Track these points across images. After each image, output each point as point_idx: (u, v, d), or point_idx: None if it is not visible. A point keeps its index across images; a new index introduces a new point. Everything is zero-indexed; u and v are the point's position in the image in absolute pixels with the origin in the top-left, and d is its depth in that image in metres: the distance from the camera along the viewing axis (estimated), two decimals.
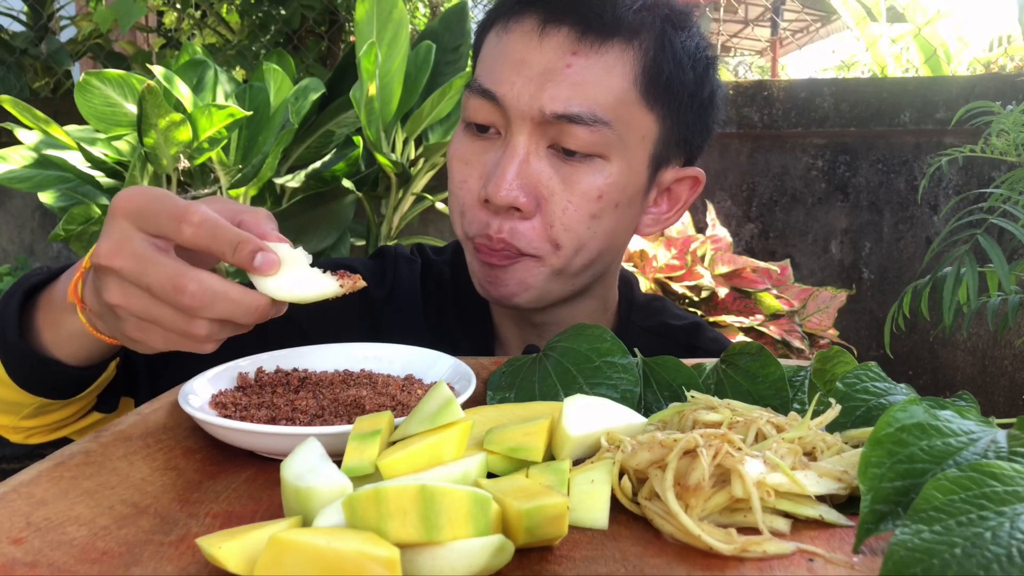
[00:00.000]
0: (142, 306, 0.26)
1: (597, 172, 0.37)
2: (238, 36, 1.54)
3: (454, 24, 1.09)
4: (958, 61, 1.51)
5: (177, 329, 0.26)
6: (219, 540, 0.18)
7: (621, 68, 0.36)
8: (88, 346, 0.31)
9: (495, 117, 0.37)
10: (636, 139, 0.37)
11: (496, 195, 0.36)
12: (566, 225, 0.37)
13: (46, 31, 1.55)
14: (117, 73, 0.89)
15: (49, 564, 0.19)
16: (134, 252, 0.25)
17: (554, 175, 0.37)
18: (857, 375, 0.26)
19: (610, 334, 0.30)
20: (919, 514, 0.17)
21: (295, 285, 0.26)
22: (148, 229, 0.25)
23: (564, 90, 0.35)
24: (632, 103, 0.37)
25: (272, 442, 0.25)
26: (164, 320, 0.26)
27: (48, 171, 0.95)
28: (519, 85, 0.36)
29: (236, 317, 0.26)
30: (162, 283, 0.25)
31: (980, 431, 0.20)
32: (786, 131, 1.17)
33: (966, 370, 1.11)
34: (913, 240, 1.17)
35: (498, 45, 0.38)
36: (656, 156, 0.39)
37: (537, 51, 0.36)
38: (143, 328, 0.26)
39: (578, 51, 0.36)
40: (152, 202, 0.25)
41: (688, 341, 0.45)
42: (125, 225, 0.26)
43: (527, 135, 0.36)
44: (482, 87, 0.37)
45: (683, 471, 0.20)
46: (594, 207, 0.37)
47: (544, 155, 0.37)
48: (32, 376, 0.32)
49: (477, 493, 0.18)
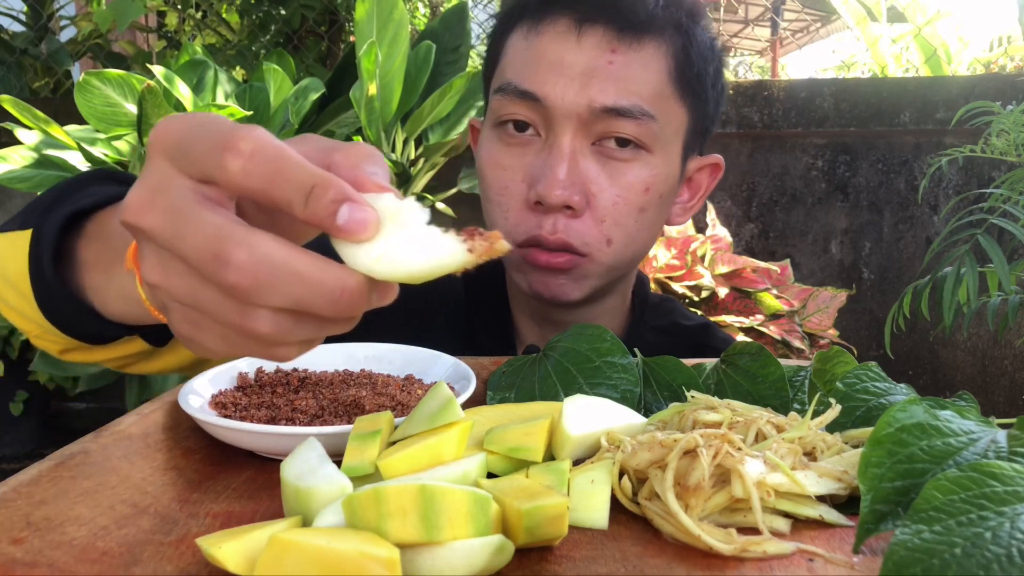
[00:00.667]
0: (185, 287, 0.17)
1: (643, 165, 0.37)
2: (238, 36, 1.54)
3: (454, 24, 1.09)
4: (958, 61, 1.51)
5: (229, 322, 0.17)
6: (219, 540, 0.18)
7: (656, 63, 0.37)
8: (142, 315, 0.23)
9: (534, 117, 0.37)
10: (672, 132, 0.38)
11: (550, 195, 0.36)
12: (616, 220, 0.37)
13: (46, 31, 1.55)
14: (117, 73, 0.89)
15: (49, 564, 0.18)
16: (170, 204, 0.16)
17: (601, 171, 0.37)
18: (857, 375, 0.26)
19: (610, 334, 0.30)
20: (919, 514, 0.17)
21: (404, 255, 0.16)
22: (191, 171, 0.17)
23: (610, 84, 0.36)
24: (668, 97, 0.38)
25: (272, 442, 0.25)
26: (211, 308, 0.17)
27: (48, 171, 0.95)
28: (562, 84, 0.36)
29: (311, 304, 0.16)
30: (200, 249, 0.16)
31: (980, 431, 0.20)
32: (786, 131, 1.17)
33: (966, 370, 1.11)
34: (913, 240, 1.17)
35: (529, 48, 0.38)
36: (686, 147, 0.40)
37: (576, 51, 0.36)
38: (193, 320, 0.17)
39: (617, 48, 0.36)
40: (193, 128, 0.17)
41: (698, 340, 0.45)
42: (163, 167, 0.17)
43: (571, 134, 0.36)
44: (520, 89, 0.37)
45: (683, 471, 0.20)
46: (642, 200, 0.37)
47: (589, 153, 0.37)
48: (63, 316, 0.26)
49: (477, 493, 0.18)
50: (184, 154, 0.17)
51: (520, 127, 0.38)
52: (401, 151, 1.03)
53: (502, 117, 0.38)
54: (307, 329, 0.17)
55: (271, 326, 0.17)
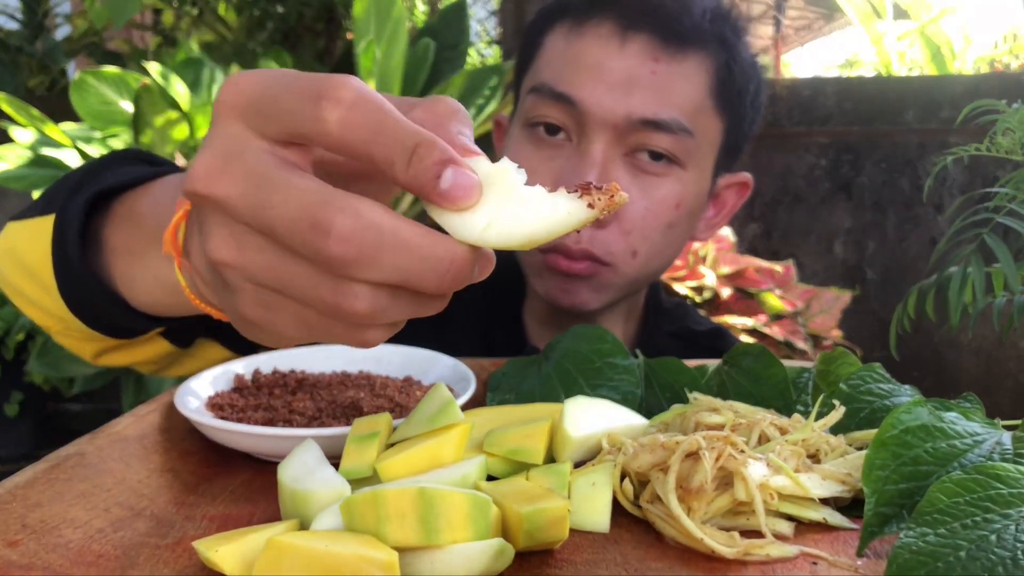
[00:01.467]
0: (266, 263, 0.15)
1: (675, 180, 0.37)
2: (235, 33, 1.54)
3: (453, 21, 1.09)
4: (963, 59, 1.50)
5: (320, 301, 0.15)
6: (216, 543, 0.18)
7: (698, 77, 0.36)
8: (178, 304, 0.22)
9: (567, 121, 0.37)
10: (708, 146, 0.38)
11: None
12: (644, 234, 0.37)
13: (41, 29, 1.55)
14: (113, 71, 0.89)
15: (44, 567, 0.18)
16: (250, 170, 0.15)
17: (632, 183, 0.36)
18: (861, 376, 0.26)
19: (611, 335, 0.30)
20: (924, 517, 0.17)
21: (518, 219, 0.14)
22: (270, 131, 0.15)
23: (651, 96, 0.35)
24: (707, 111, 0.37)
25: (269, 444, 0.25)
26: (298, 285, 0.15)
27: (43, 170, 0.94)
28: (600, 90, 0.35)
29: (418, 278, 0.14)
30: (294, 218, 0.14)
31: (985, 433, 0.20)
32: (789, 130, 1.17)
33: (971, 371, 1.11)
34: (918, 240, 1.16)
35: (569, 48, 0.37)
36: (718, 163, 0.40)
37: (618, 57, 0.36)
38: (267, 303, 0.16)
39: (660, 58, 0.36)
40: (274, 82, 0.15)
41: (711, 345, 0.45)
42: (235, 129, 0.15)
43: (605, 142, 0.36)
44: (555, 91, 0.36)
45: (685, 474, 0.20)
46: (671, 215, 0.37)
47: (621, 162, 0.36)
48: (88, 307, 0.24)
49: (476, 496, 0.18)
50: (262, 112, 0.15)
51: (551, 131, 0.37)
52: None
53: (534, 119, 0.37)
54: (402, 308, 0.15)
55: (369, 304, 0.15)
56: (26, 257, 0.25)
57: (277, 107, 0.15)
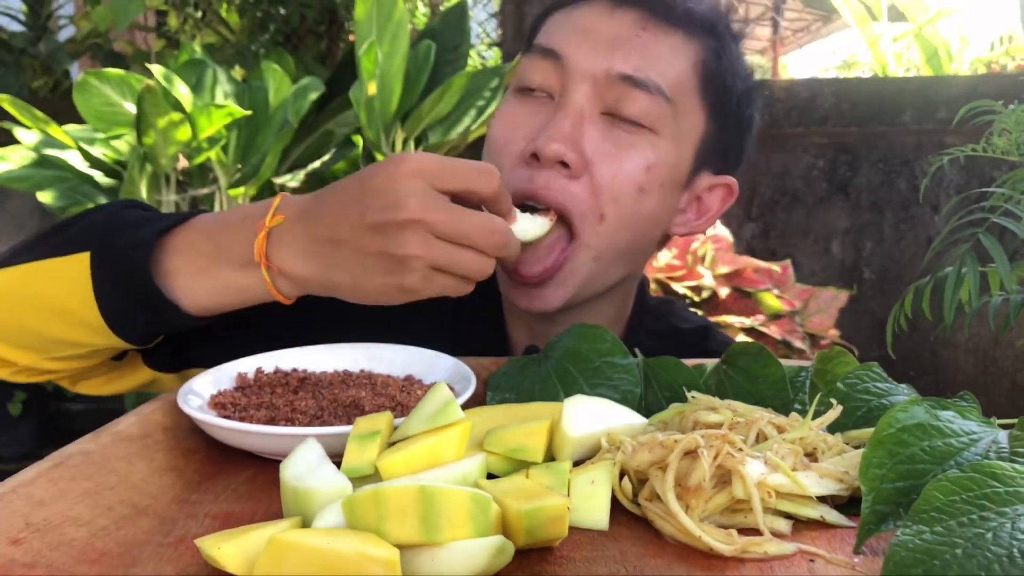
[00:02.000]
0: (446, 254, 0.28)
1: (648, 144, 0.37)
2: (237, 35, 1.54)
3: (454, 23, 1.09)
4: (959, 60, 1.51)
5: (475, 268, 0.29)
6: (218, 541, 0.18)
7: (685, 53, 0.37)
8: (229, 303, 0.31)
9: (551, 79, 0.37)
10: (688, 126, 0.38)
11: (547, 146, 0.35)
12: (614, 195, 0.36)
13: (45, 31, 1.55)
14: (116, 73, 0.89)
15: (48, 565, 0.19)
16: (445, 208, 0.28)
17: (605, 140, 0.36)
18: (858, 375, 0.26)
19: (610, 334, 0.30)
20: (920, 515, 0.17)
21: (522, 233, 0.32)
22: (447, 187, 0.28)
23: (634, 55, 0.36)
24: (690, 90, 0.37)
25: (271, 443, 0.25)
26: (463, 263, 0.28)
27: (47, 171, 0.95)
28: (586, 47, 0.36)
29: (512, 261, 0.31)
30: (478, 228, 0.28)
31: (981, 431, 0.20)
32: (787, 131, 1.17)
33: (967, 370, 1.11)
34: (914, 240, 1.16)
35: (564, 18, 0.38)
36: (700, 154, 0.39)
37: (607, 22, 0.37)
38: (429, 277, 0.29)
39: (647, 27, 0.37)
40: (442, 166, 0.28)
41: (697, 344, 0.44)
42: (422, 184, 0.28)
43: (584, 95, 0.36)
44: (544, 47, 0.37)
45: (684, 472, 0.20)
46: (642, 178, 0.36)
47: (597, 119, 0.37)
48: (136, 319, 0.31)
49: (477, 494, 0.18)
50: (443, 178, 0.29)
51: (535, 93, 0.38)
52: (401, 150, 1.03)
53: (521, 81, 0.38)
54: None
55: (492, 269, 0.29)
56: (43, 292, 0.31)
57: (458, 176, 0.29)
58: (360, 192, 0.28)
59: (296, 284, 0.30)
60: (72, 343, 0.32)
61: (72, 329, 0.32)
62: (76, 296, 0.31)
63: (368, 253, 0.28)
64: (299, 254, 0.29)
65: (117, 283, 0.30)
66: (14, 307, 0.32)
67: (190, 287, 0.31)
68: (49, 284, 0.31)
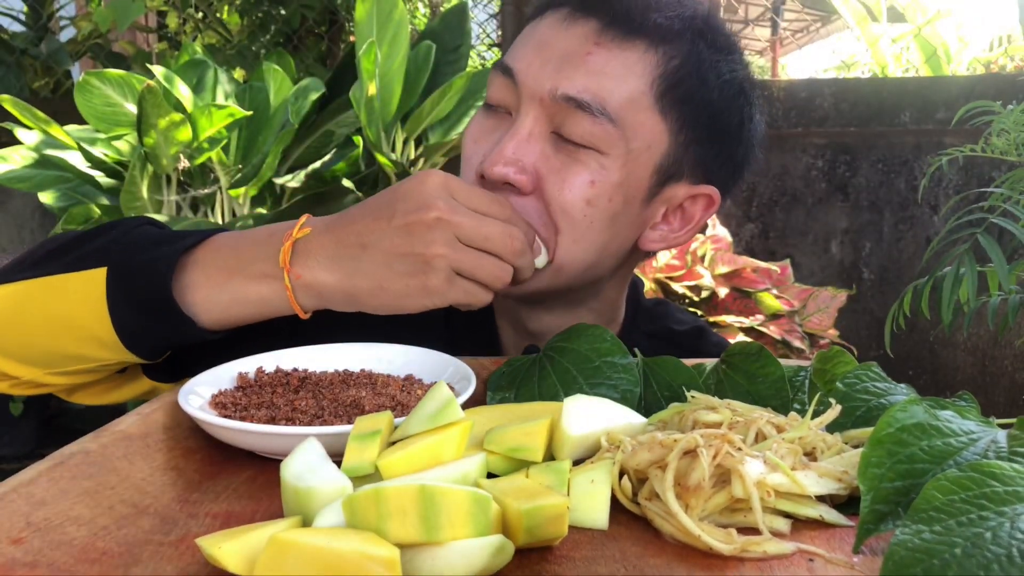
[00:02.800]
0: (470, 259, 0.30)
1: (593, 162, 0.37)
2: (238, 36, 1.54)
3: (454, 24, 1.09)
4: (958, 61, 1.51)
5: (492, 274, 0.30)
6: (219, 540, 0.18)
7: (641, 69, 0.36)
8: (247, 315, 0.32)
9: (509, 97, 0.37)
10: (642, 145, 0.37)
11: (490, 169, 0.36)
12: (563, 206, 0.36)
13: (46, 31, 1.55)
14: (117, 73, 0.89)
15: (49, 564, 0.19)
16: (470, 214, 0.30)
17: (552, 157, 0.37)
18: (857, 375, 0.26)
19: (610, 334, 0.30)
20: (919, 514, 0.17)
21: None
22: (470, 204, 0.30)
23: (579, 75, 0.36)
24: (644, 108, 0.36)
25: (272, 442, 0.25)
26: (484, 268, 0.30)
27: (48, 171, 0.95)
28: (536, 64, 0.36)
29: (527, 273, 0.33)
30: (500, 234, 0.30)
31: (980, 431, 0.20)
32: (786, 131, 1.17)
33: (966, 370, 1.11)
34: (913, 240, 1.17)
35: (529, 31, 0.39)
36: (664, 168, 0.38)
37: (562, 36, 0.37)
38: (452, 280, 0.30)
39: (601, 42, 0.36)
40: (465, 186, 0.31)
41: (691, 345, 0.44)
42: (448, 195, 0.30)
43: (533, 116, 0.36)
44: (503, 63, 0.38)
45: (683, 471, 0.20)
46: (588, 192, 0.37)
47: (547, 138, 0.37)
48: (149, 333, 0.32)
49: (477, 493, 0.18)
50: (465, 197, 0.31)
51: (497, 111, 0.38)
52: (401, 151, 1.03)
53: (487, 97, 0.39)
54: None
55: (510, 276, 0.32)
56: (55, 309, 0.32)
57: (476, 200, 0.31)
58: (390, 198, 0.31)
59: (316, 294, 0.31)
60: (81, 358, 0.33)
61: (82, 344, 0.32)
62: (89, 311, 0.31)
63: (395, 253, 0.30)
64: (324, 261, 0.31)
65: (133, 298, 0.31)
66: (22, 322, 0.33)
67: (208, 300, 0.32)
68: (61, 300, 0.32)
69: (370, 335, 0.35)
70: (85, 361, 0.33)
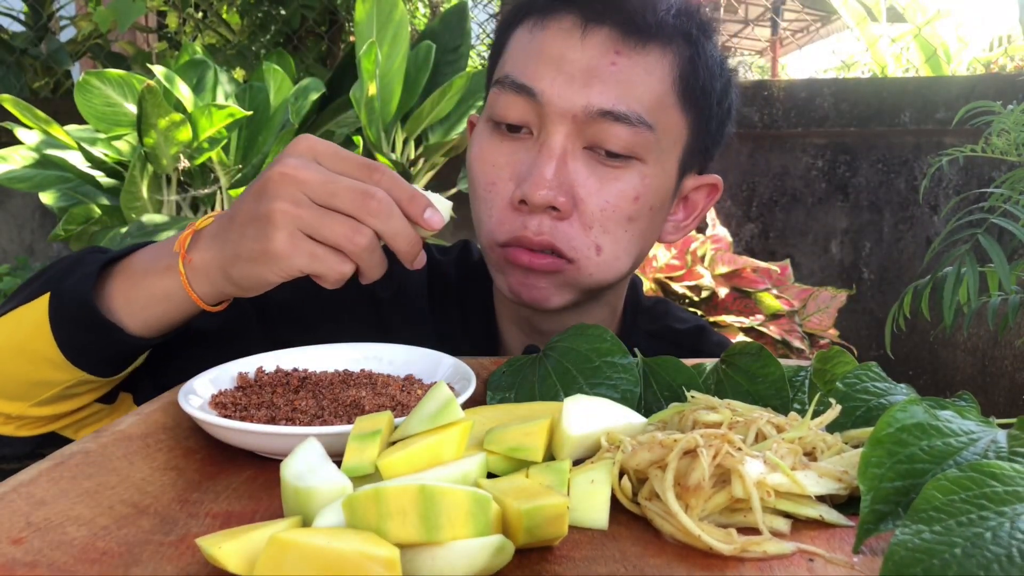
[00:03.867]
0: (311, 216, 0.27)
1: (634, 173, 0.36)
2: (238, 36, 1.54)
3: (454, 24, 1.09)
4: (958, 61, 1.51)
5: (344, 235, 0.27)
6: (219, 540, 0.18)
7: (661, 70, 0.36)
8: (161, 313, 0.32)
9: (529, 115, 0.37)
10: (670, 143, 0.37)
11: (534, 195, 0.35)
12: (604, 227, 0.36)
13: (46, 31, 1.55)
14: (117, 73, 0.89)
15: (49, 564, 0.19)
16: (321, 171, 0.27)
17: (591, 175, 0.36)
18: (857, 375, 0.26)
19: (610, 334, 0.30)
20: (919, 514, 0.17)
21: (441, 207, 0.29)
22: (334, 168, 0.28)
23: (611, 87, 0.35)
24: (669, 107, 0.37)
25: (272, 442, 0.25)
26: (329, 227, 0.27)
27: (48, 171, 0.95)
28: (560, 81, 0.35)
29: (400, 241, 0.28)
30: (349, 190, 0.27)
31: (980, 431, 0.20)
32: (786, 131, 1.17)
33: (966, 370, 1.11)
34: (913, 240, 1.17)
35: (532, 41, 0.37)
36: (683, 161, 0.39)
37: (579, 49, 0.36)
38: (294, 242, 0.27)
39: (621, 51, 0.36)
40: (336, 150, 0.29)
41: (692, 344, 0.44)
42: (310, 156, 0.28)
43: (564, 134, 0.36)
44: (517, 83, 0.36)
45: (683, 471, 0.20)
46: (631, 209, 0.36)
47: (580, 155, 0.36)
48: (88, 346, 0.32)
49: (477, 493, 0.18)
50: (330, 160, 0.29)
51: (513, 129, 0.37)
52: (401, 151, 1.03)
53: (496, 115, 0.38)
54: (375, 259, 0.28)
55: (367, 240, 0.27)
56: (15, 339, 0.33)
57: (343, 162, 0.29)
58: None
59: (204, 275, 0.30)
60: (43, 383, 0.33)
61: (40, 368, 0.33)
62: (38, 335, 0.32)
63: (247, 218, 0.28)
64: (207, 240, 0.30)
65: (68, 315, 0.32)
66: None
67: (127, 304, 0.32)
68: (18, 330, 0.33)
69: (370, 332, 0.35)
70: (49, 386, 0.33)
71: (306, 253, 0.27)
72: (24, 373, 0.33)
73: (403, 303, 0.44)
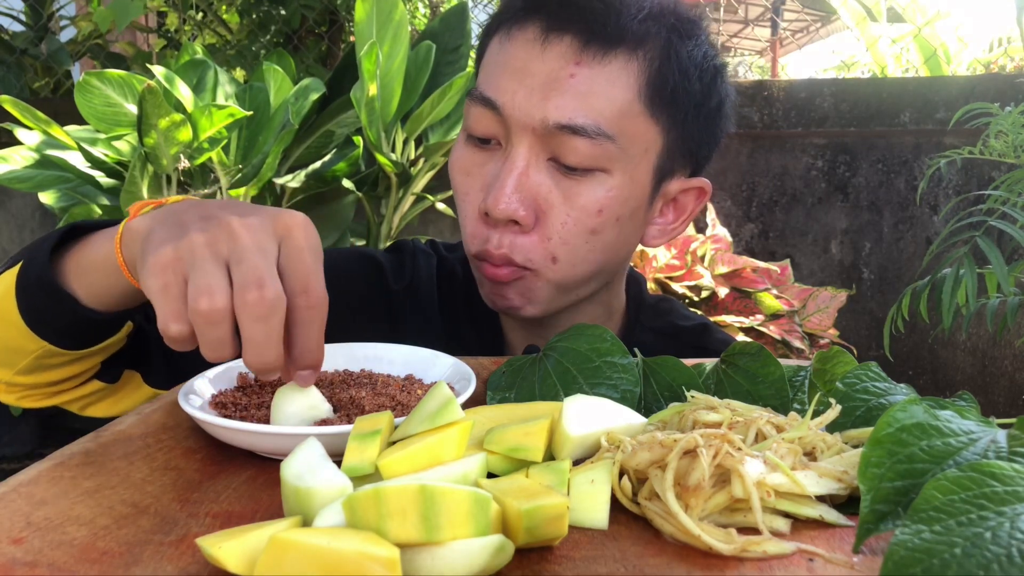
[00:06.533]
0: (203, 256, 0.24)
1: (598, 185, 0.36)
2: (238, 36, 1.54)
3: (454, 24, 1.09)
4: (958, 61, 1.51)
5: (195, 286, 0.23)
6: (219, 540, 0.18)
7: (625, 79, 0.36)
8: (102, 281, 0.31)
9: (496, 128, 0.37)
10: (639, 151, 0.37)
11: (495, 208, 0.35)
12: (564, 239, 0.36)
13: (46, 31, 1.55)
14: (117, 73, 0.89)
15: (49, 564, 0.19)
16: (255, 239, 0.24)
17: (554, 188, 0.36)
18: (857, 375, 0.26)
19: (610, 334, 0.30)
20: (919, 514, 0.17)
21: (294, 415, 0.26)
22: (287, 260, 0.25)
23: (568, 100, 0.35)
24: (636, 115, 0.36)
25: (272, 442, 0.25)
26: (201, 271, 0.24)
27: (49, 171, 0.95)
28: (521, 94, 0.35)
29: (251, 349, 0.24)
30: (255, 267, 0.24)
31: (980, 431, 0.20)
32: (786, 131, 1.17)
33: (966, 370, 1.11)
34: (913, 240, 1.17)
35: (500, 53, 0.38)
36: (660, 168, 0.38)
37: (539, 60, 0.35)
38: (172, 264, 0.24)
39: (581, 61, 0.35)
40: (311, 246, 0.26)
41: (697, 342, 0.44)
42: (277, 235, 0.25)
43: (527, 146, 0.36)
44: (483, 95, 0.37)
45: (683, 471, 0.20)
46: (594, 222, 0.36)
47: (544, 167, 0.36)
48: (44, 313, 0.32)
49: (477, 493, 0.18)
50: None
51: (483, 142, 0.38)
52: (401, 151, 1.03)
53: (468, 127, 0.38)
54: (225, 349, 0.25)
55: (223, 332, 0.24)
56: None
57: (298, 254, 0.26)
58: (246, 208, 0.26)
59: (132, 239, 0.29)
60: (17, 350, 0.34)
61: (11, 334, 0.33)
62: (8, 298, 0.32)
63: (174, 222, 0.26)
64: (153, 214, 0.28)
65: (29, 280, 0.32)
66: None
67: (76, 269, 0.32)
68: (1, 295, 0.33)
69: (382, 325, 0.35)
70: (23, 354, 0.33)
71: (162, 281, 0.24)
72: (3, 338, 0.33)
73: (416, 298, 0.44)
